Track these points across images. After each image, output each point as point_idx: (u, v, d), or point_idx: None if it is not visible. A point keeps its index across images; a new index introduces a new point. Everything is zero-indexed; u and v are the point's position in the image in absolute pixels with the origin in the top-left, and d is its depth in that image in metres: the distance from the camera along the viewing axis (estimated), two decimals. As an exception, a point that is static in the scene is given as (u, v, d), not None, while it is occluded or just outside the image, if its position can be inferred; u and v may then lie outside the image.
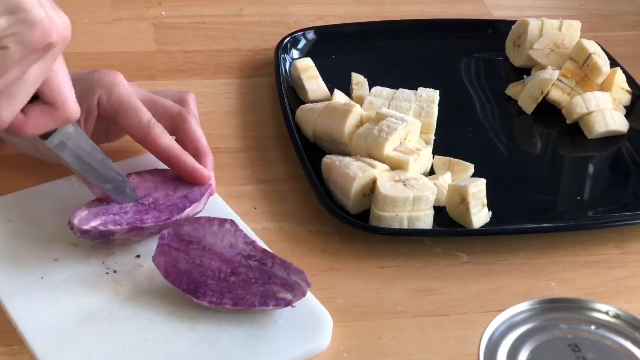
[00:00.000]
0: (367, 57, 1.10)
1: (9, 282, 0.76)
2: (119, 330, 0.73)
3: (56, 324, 0.73)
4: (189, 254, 0.74)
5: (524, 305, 0.64)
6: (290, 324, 0.74)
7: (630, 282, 0.84)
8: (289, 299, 0.73)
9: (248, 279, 0.74)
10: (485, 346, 0.61)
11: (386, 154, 0.87)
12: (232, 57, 1.10)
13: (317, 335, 0.74)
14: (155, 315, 0.74)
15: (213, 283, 0.74)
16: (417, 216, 0.84)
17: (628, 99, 1.03)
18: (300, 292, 0.73)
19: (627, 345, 0.62)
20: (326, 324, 0.75)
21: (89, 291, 0.76)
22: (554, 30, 1.08)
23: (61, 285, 0.76)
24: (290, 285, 0.73)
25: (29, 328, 0.72)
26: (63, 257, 0.78)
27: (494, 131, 1.00)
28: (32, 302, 0.74)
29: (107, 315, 0.74)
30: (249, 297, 0.73)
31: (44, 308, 0.74)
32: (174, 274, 0.74)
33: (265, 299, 0.73)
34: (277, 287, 0.73)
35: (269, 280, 0.74)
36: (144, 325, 0.73)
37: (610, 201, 0.93)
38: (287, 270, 0.74)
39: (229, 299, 0.73)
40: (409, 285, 0.81)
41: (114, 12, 1.16)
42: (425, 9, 1.22)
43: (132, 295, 0.76)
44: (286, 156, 0.94)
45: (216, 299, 0.73)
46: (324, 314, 0.76)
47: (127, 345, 0.72)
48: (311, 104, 0.97)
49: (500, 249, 0.85)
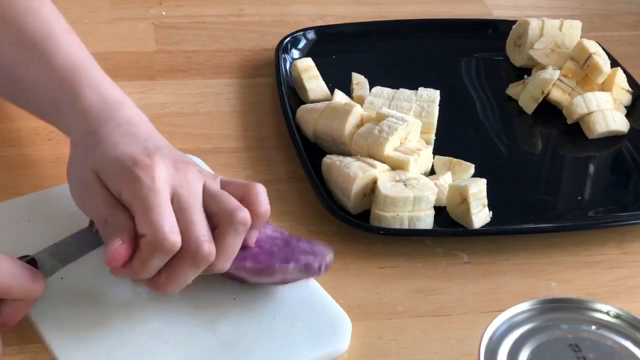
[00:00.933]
0: (367, 57, 1.10)
1: None
2: (138, 332, 0.73)
3: (76, 324, 0.73)
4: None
5: (524, 305, 0.64)
6: (309, 327, 0.74)
7: (630, 282, 0.84)
8: (309, 261, 0.74)
9: (271, 249, 0.75)
10: (485, 346, 0.61)
11: (386, 154, 0.87)
12: (232, 57, 1.09)
13: (336, 338, 0.74)
14: (174, 317, 0.74)
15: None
16: (417, 216, 0.83)
17: (628, 98, 1.03)
18: (321, 257, 0.74)
19: (627, 345, 0.62)
20: (345, 326, 0.75)
21: (108, 292, 0.76)
22: (554, 30, 1.08)
23: (81, 285, 0.76)
24: (312, 252, 0.75)
25: (49, 328, 0.72)
26: (83, 257, 0.76)
27: (494, 131, 1.00)
28: (52, 303, 0.74)
29: (127, 316, 0.74)
30: (270, 259, 0.74)
31: (64, 308, 0.74)
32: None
33: (286, 259, 0.74)
34: (299, 253, 0.74)
35: (292, 251, 0.75)
36: (163, 327, 0.73)
37: (610, 201, 0.93)
38: (310, 244, 0.75)
39: (250, 260, 0.73)
40: (409, 285, 0.81)
41: (114, 12, 1.16)
42: (425, 9, 1.22)
43: (151, 297, 0.75)
44: (286, 156, 0.94)
45: (237, 263, 0.72)
46: (343, 317, 0.76)
47: (147, 347, 0.72)
48: (311, 104, 0.97)
49: (500, 249, 0.85)
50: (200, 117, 0.98)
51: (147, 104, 1.00)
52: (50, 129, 0.89)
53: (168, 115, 0.98)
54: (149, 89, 1.02)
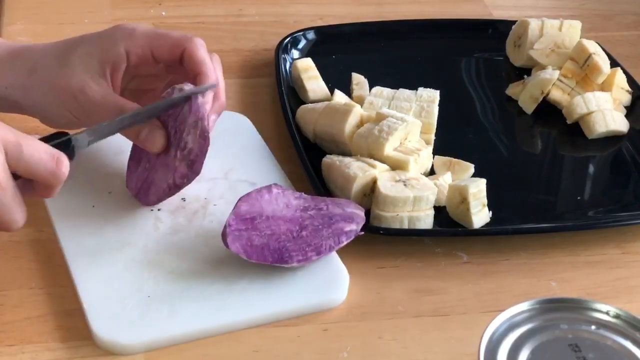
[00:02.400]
0: (367, 57, 1.10)
1: (63, 205, 0.82)
2: (148, 260, 0.79)
3: (95, 247, 0.79)
4: (257, 228, 0.77)
5: (524, 305, 0.64)
6: (307, 276, 0.78)
7: (630, 282, 0.84)
8: (354, 228, 0.79)
9: (315, 227, 0.79)
10: (485, 346, 0.61)
11: (386, 154, 0.87)
12: (232, 57, 1.10)
13: (331, 288, 0.78)
14: (185, 252, 0.80)
15: (291, 244, 0.77)
16: (417, 216, 0.84)
17: (628, 98, 1.03)
18: (359, 219, 0.80)
19: (627, 345, 0.62)
20: (342, 279, 0.79)
21: (131, 223, 0.82)
22: (554, 30, 1.08)
23: (108, 214, 0.83)
24: (349, 217, 0.80)
25: (70, 246, 0.79)
26: (116, 191, 0.85)
27: (494, 131, 1.00)
28: (78, 225, 0.81)
29: (142, 246, 0.80)
30: (324, 242, 0.78)
31: (88, 232, 0.81)
32: (255, 252, 0.77)
33: (338, 238, 0.79)
34: (340, 223, 0.79)
35: (331, 220, 0.79)
36: (172, 259, 0.79)
37: (610, 201, 0.93)
38: (340, 206, 0.80)
39: (311, 251, 0.78)
40: (409, 285, 0.81)
41: (114, 12, 1.16)
42: (425, 9, 1.22)
43: (169, 232, 0.82)
44: (286, 156, 0.94)
45: (302, 257, 0.77)
46: (341, 270, 0.79)
47: (152, 274, 0.77)
48: (311, 104, 0.97)
49: (500, 249, 0.85)
50: (200, 117, 0.98)
51: (147, 104, 1.00)
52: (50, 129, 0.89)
53: (168, 115, 0.98)
54: (149, 89, 1.02)
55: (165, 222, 0.83)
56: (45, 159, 0.70)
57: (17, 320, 0.75)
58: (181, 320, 0.74)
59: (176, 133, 0.79)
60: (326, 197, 0.82)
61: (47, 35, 1.10)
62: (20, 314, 0.75)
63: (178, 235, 0.81)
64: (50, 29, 1.11)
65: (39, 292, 0.77)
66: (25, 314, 0.75)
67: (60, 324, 0.74)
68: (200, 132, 0.78)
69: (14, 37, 1.09)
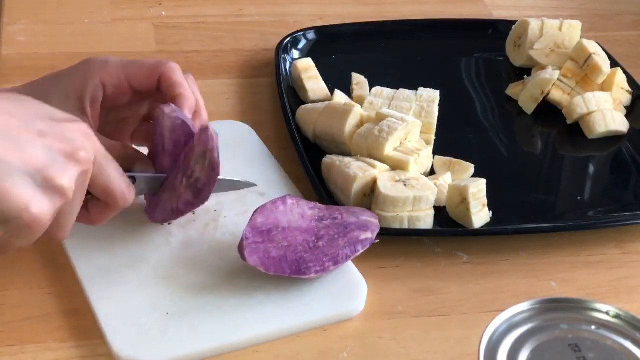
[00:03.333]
0: (367, 57, 1.10)
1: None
2: (163, 276, 0.77)
3: (106, 265, 0.78)
4: (274, 240, 0.77)
5: (524, 305, 0.64)
6: (324, 286, 0.77)
7: (630, 282, 0.84)
8: (369, 237, 0.79)
9: (331, 236, 0.78)
10: (485, 346, 0.61)
11: (386, 154, 0.87)
12: (232, 57, 1.10)
13: (350, 298, 0.77)
14: (199, 266, 0.79)
15: (308, 255, 0.77)
16: (417, 216, 0.84)
17: (628, 98, 1.03)
18: (374, 227, 0.79)
19: (627, 345, 0.62)
20: (360, 288, 0.78)
21: (143, 238, 0.81)
22: (554, 30, 1.08)
23: (118, 230, 0.81)
24: (364, 225, 0.79)
25: (82, 267, 0.78)
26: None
27: (494, 131, 1.00)
28: (89, 244, 0.79)
29: (155, 262, 0.79)
30: (340, 251, 0.77)
31: (99, 250, 0.79)
32: (272, 265, 0.76)
33: (354, 246, 0.78)
34: (356, 232, 0.78)
35: (346, 229, 0.79)
36: (187, 274, 0.78)
37: (610, 201, 0.93)
38: (354, 214, 0.80)
39: (329, 261, 0.77)
40: (409, 285, 0.81)
41: (114, 12, 1.16)
42: (425, 9, 1.22)
43: (181, 246, 0.81)
44: (286, 156, 0.94)
45: (319, 267, 0.76)
46: (359, 279, 0.79)
47: (169, 291, 0.76)
48: (311, 104, 0.97)
49: (500, 249, 0.85)
50: (200, 117, 0.98)
51: (147, 104, 1.00)
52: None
53: (168, 115, 0.98)
54: (149, 89, 1.02)
55: (176, 236, 0.81)
56: (122, 180, 0.71)
57: (18, 320, 0.75)
58: (202, 337, 0.73)
59: (185, 159, 0.78)
60: (340, 207, 0.81)
61: (47, 35, 1.10)
62: (20, 314, 0.75)
63: (191, 250, 0.80)
64: (50, 29, 1.11)
65: (40, 292, 0.77)
66: (26, 314, 0.75)
67: (60, 324, 0.74)
68: (210, 163, 0.76)
69: (14, 37, 1.09)
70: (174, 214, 0.79)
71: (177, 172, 0.78)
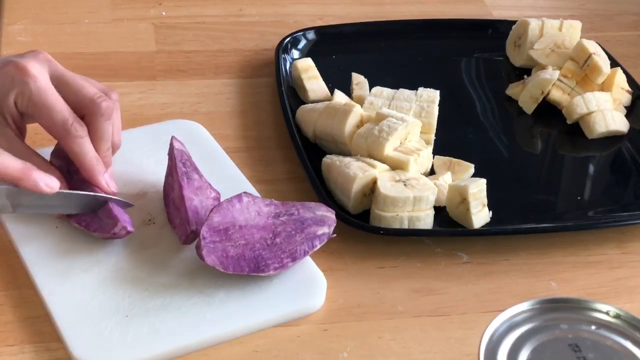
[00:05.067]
0: (367, 57, 1.10)
1: (24, 230, 0.80)
2: (120, 279, 0.77)
3: (63, 269, 0.77)
4: (231, 239, 0.76)
5: (524, 305, 0.64)
6: (283, 283, 0.78)
7: (630, 282, 0.84)
8: (327, 231, 0.79)
9: (288, 233, 0.78)
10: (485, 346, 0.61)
11: (386, 154, 0.87)
12: (232, 57, 1.10)
13: (309, 294, 0.77)
14: (158, 268, 0.78)
15: (266, 252, 0.77)
16: (417, 216, 0.84)
17: (628, 98, 1.03)
18: (331, 221, 0.79)
19: (627, 345, 0.62)
20: (319, 284, 0.78)
21: (98, 241, 0.80)
22: (554, 30, 1.08)
23: (72, 234, 0.80)
24: (320, 220, 0.79)
25: (38, 271, 0.77)
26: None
27: (494, 131, 1.00)
28: (43, 249, 0.79)
29: (112, 264, 0.78)
30: (298, 247, 0.77)
31: (55, 255, 0.78)
32: (231, 264, 0.76)
33: (311, 242, 0.78)
34: (313, 227, 0.78)
35: (303, 225, 0.79)
36: (145, 277, 0.77)
37: (610, 201, 0.93)
38: (310, 210, 0.80)
39: (287, 257, 0.77)
40: (409, 285, 0.81)
41: (114, 12, 1.16)
42: (425, 9, 1.22)
43: (138, 249, 0.80)
44: (286, 156, 0.94)
45: (278, 264, 0.76)
46: (318, 275, 0.79)
47: (127, 293, 0.76)
48: (311, 104, 0.97)
49: (500, 249, 0.85)
50: (200, 117, 0.98)
51: (147, 104, 1.00)
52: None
53: (168, 115, 0.98)
54: (149, 89, 1.02)
55: (134, 237, 0.80)
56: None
57: (17, 320, 0.75)
58: (163, 338, 0.72)
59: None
60: (296, 202, 0.81)
61: (47, 35, 1.10)
62: (20, 314, 0.75)
63: (149, 251, 0.79)
64: (50, 29, 1.12)
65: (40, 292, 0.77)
66: (26, 314, 0.75)
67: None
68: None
69: (14, 37, 1.09)
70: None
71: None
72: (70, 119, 0.79)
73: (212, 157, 0.91)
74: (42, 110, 0.79)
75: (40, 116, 0.79)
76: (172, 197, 0.82)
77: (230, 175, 0.89)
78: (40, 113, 0.79)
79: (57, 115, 0.79)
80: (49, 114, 0.79)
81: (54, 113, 0.79)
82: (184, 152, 0.83)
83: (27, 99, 0.79)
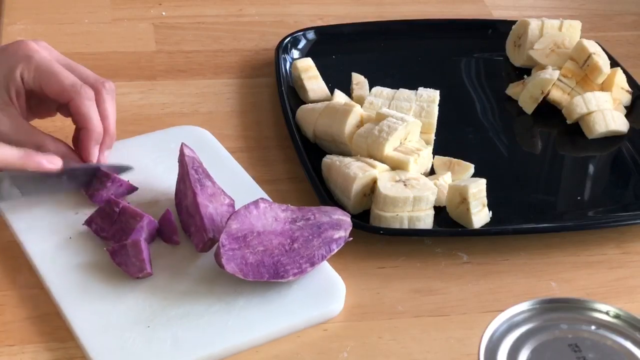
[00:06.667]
0: (367, 57, 1.10)
1: (39, 241, 0.80)
2: (140, 289, 0.76)
3: (81, 280, 0.77)
4: (250, 246, 0.76)
5: (524, 305, 0.64)
6: (303, 289, 0.77)
7: (630, 282, 0.84)
8: (343, 235, 0.79)
9: (306, 238, 0.78)
10: (485, 346, 0.61)
11: (386, 154, 0.87)
12: (232, 57, 1.10)
13: (329, 298, 0.77)
14: (176, 276, 0.78)
15: (285, 258, 0.77)
16: (417, 216, 0.84)
17: (628, 98, 1.03)
18: (347, 225, 0.80)
19: (627, 345, 0.62)
20: (338, 289, 0.78)
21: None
22: (554, 30, 1.08)
23: (87, 244, 0.80)
24: (337, 224, 0.79)
25: (56, 283, 0.76)
26: (81, 209, 0.83)
27: (494, 131, 1.00)
28: (59, 260, 0.78)
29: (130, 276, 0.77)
30: (316, 252, 0.77)
31: (71, 266, 0.78)
32: (250, 271, 0.75)
33: (329, 246, 0.78)
34: (329, 231, 0.78)
35: (320, 229, 0.79)
36: (164, 285, 0.77)
37: (610, 201, 0.93)
38: (326, 214, 0.80)
39: (305, 262, 0.77)
40: (409, 285, 0.81)
41: (114, 12, 1.16)
42: (425, 9, 1.22)
43: (154, 257, 0.79)
44: (286, 156, 0.94)
45: (297, 269, 0.76)
46: (337, 280, 0.79)
47: (148, 303, 0.75)
48: (311, 104, 0.97)
49: (500, 249, 0.85)
50: (200, 117, 0.98)
51: (147, 104, 1.00)
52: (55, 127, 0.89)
53: (168, 115, 0.98)
54: (149, 89, 1.02)
55: (153, 246, 0.80)
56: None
57: (17, 320, 0.75)
58: (186, 348, 0.72)
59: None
60: (312, 207, 0.81)
61: (47, 35, 1.10)
62: (20, 314, 0.75)
63: (167, 258, 0.79)
64: (50, 29, 1.12)
65: (40, 292, 0.77)
66: (26, 314, 0.75)
67: (61, 324, 0.74)
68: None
69: (14, 37, 1.09)
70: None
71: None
72: (79, 82, 0.82)
73: (221, 163, 0.90)
74: (50, 77, 0.81)
75: (49, 83, 0.81)
76: (185, 204, 0.81)
77: (242, 181, 0.88)
78: (49, 80, 0.81)
79: (65, 79, 0.82)
80: (57, 79, 0.81)
81: (62, 77, 0.81)
82: (195, 159, 0.83)
83: (34, 69, 0.81)
